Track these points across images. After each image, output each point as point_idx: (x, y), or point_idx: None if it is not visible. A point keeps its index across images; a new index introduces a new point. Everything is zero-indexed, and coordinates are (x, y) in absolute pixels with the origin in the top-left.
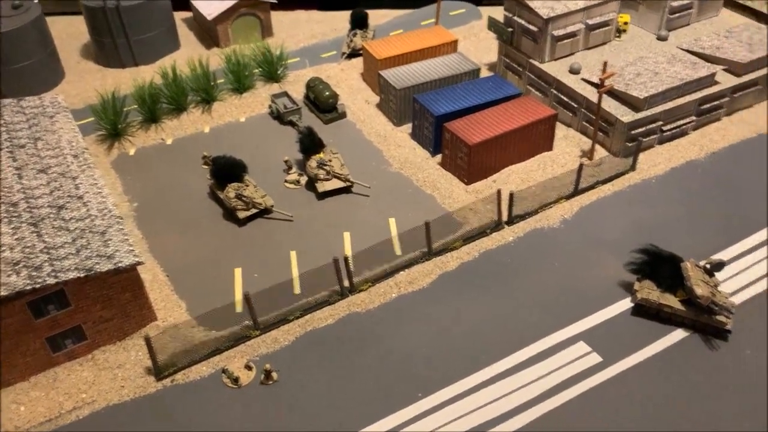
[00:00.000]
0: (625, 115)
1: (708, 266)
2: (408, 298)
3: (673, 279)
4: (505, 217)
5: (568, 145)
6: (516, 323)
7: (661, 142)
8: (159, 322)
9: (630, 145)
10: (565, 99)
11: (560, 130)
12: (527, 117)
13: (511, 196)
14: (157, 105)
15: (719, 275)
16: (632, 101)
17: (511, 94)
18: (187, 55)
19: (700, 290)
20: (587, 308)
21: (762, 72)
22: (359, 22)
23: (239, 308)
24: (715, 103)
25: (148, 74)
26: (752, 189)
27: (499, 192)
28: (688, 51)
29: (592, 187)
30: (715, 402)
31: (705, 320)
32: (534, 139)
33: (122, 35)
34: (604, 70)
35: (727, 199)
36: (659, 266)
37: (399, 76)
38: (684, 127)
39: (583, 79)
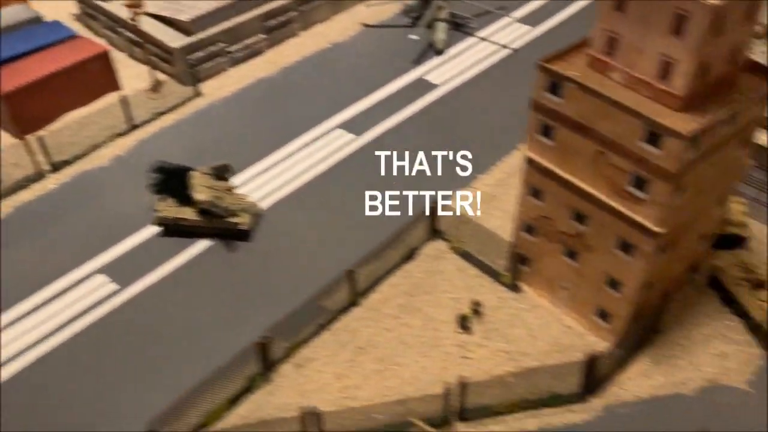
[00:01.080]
0: (177, 40)
1: (213, 172)
2: None
3: (186, 191)
4: (47, 166)
5: (141, 81)
6: (38, 276)
7: (235, 63)
8: None
9: (193, 70)
10: (131, 35)
11: (133, 69)
12: (74, 57)
13: (41, 139)
14: None
15: (261, 184)
16: (183, 26)
17: (64, 36)
18: None
19: (199, 195)
20: (113, 241)
21: None
22: None
23: None
24: (283, 18)
25: None
26: (314, 96)
27: (24, 139)
28: None
29: (153, 120)
30: (236, 297)
31: (221, 225)
32: (91, 80)
33: None
34: None
35: (283, 108)
36: (171, 181)
37: None
38: (255, 46)
39: (145, 13)
